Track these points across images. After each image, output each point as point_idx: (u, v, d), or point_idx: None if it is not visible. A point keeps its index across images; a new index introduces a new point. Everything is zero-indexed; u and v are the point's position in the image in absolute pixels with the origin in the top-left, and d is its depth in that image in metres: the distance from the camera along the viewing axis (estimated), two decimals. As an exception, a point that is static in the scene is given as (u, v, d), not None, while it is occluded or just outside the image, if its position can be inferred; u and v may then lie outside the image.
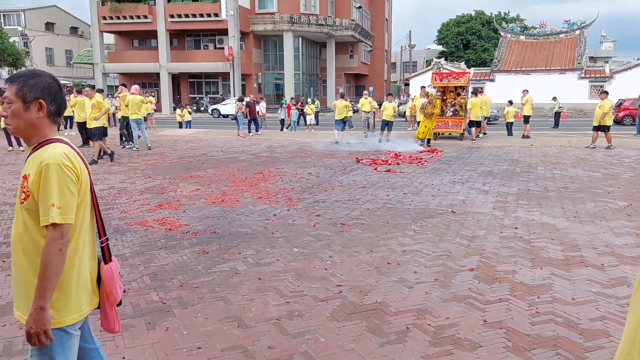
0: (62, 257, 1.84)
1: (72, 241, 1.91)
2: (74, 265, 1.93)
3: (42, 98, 1.93)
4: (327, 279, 4.50)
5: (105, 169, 11.07)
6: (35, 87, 1.93)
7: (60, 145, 1.93)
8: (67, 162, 1.89)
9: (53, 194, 1.82)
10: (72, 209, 1.87)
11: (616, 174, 10.14)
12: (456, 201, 7.69)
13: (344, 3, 44.22)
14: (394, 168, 11.12)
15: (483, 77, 37.90)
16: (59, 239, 1.83)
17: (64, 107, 2.05)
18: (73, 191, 1.88)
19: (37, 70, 2.04)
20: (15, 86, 1.93)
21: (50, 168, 1.84)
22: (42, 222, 1.83)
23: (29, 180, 1.87)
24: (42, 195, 1.84)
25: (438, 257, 5.05)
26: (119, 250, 5.32)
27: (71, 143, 2.02)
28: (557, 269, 4.68)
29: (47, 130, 1.98)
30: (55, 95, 1.98)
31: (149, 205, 7.50)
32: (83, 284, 2.00)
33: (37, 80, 1.94)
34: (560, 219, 6.54)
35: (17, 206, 1.96)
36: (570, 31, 38.77)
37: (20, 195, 1.92)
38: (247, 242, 5.61)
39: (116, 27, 41.33)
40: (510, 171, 10.58)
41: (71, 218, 1.86)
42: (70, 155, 1.92)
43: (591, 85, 35.04)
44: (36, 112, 1.94)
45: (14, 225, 1.97)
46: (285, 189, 8.67)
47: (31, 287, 1.87)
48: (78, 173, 1.92)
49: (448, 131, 17.42)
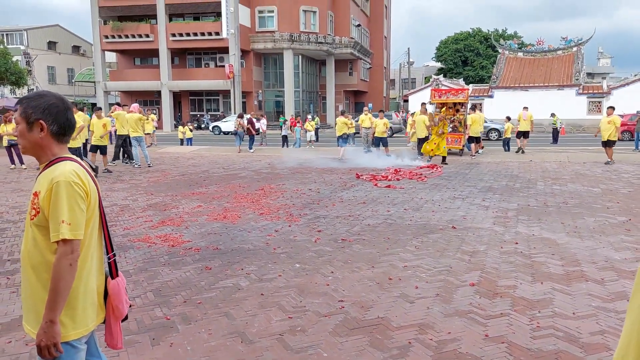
0: (72, 272, 1.90)
1: (81, 256, 1.96)
2: (81, 280, 1.99)
3: (42, 119, 1.99)
4: (329, 294, 4.53)
5: (107, 186, 11.13)
6: (37, 108, 1.99)
7: (70, 163, 2.00)
8: (77, 179, 1.95)
9: (63, 211, 1.89)
10: (81, 225, 1.93)
11: (615, 189, 10.20)
12: (457, 217, 7.74)
13: (343, 22, 44.73)
14: (394, 184, 11.18)
15: (482, 93, 38.17)
16: (70, 254, 1.89)
17: (69, 126, 2.08)
18: (82, 207, 1.94)
19: (43, 92, 2.10)
20: (21, 108, 2.01)
21: (61, 185, 1.90)
22: (52, 238, 1.89)
23: (40, 197, 1.93)
24: (52, 212, 1.90)
25: (439, 273, 5.09)
26: (123, 267, 5.35)
27: (81, 161, 2.08)
28: (558, 284, 4.72)
29: (55, 149, 2.04)
30: (58, 115, 2.02)
31: (151, 222, 7.55)
32: (90, 299, 2.05)
33: (39, 102, 2.01)
34: (560, 234, 6.59)
35: (27, 222, 2.02)
36: (568, 48, 39.13)
37: (31, 211, 1.98)
38: (250, 258, 5.65)
39: (118, 46, 41.78)
40: (510, 187, 10.64)
41: (81, 234, 1.93)
42: (80, 172, 1.99)
43: (589, 101, 35.29)
44: (38, 133, 2.00)
45: (24, 241, 2.03)
46: (286, 205, 8.73)
47: (40, 302, 1.93)
48: (87, 190, 1.99)
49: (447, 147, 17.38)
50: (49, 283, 1.90)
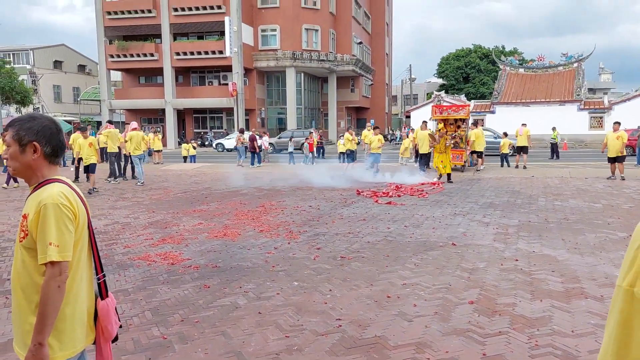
0: (60, 294, 1.91)
1: (69, 277, 1.97)
2: (69, 302, 1.98)
3: (36, 141, 2.01)
4: (327, 312, 4.52)
5: (110, 204, 11.17)
6: (30, 131, 2.01)
7: (59, 185, 2.01)
8: (65, 201, 1.96)
9: (51, 233, 1.90)
10: (69, 247, 1.94)
11: (616, 204, 10.17)
12: (457, 233, 7.72)
13: (345, 39, 45.11)
14: (395, 200, 11.18)
15: (483, 109, 38.28)
16: (57, 276, 1.89)
17: (61, 148, 2.11)
18: (70, 229, 1.96)
19: (35, 114, 2.13)
20: (13, 130, 2.03)
21: (48, 207, 1.91)
22: (40, 260, 1.90)
23: (28, 219, 1.95)
24: (40, 234, 1.91)
25: (438, 290, 5.07)
26: (122, 286, 5.36)
27: (70, 182, 2.11)
28: (557, 301, 4.69)
29: (45, 171, 2.05)
30: (51, 137, 2.05)
31: (152, 239, 7.57)
32: (79, 320, 2.04)
33: (33, 124, 2.03)
34: (560, 251, 6.56)
35: (16, 244, 2.03)
36: (568, 64, 39.31)
37: (20, 233, 1.99)
38: (248, 275, 5.65)
39: (123, 65, 42.19)
40: (511, 203, 10.63)
41: (69, 255, 1.93)
42: (68, 194, 2.00)
43: (591, 117, 35.35)
44: (31, 154, 2.02)
45: (14, 263, 2.04)
46: (286, 222, 8.73)
47: (27, 324, 1.94)
48: (75, 211, 2.00)
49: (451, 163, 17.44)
50: (35, 306, 1.91)
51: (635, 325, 1.01)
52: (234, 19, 37.37)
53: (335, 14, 44.37)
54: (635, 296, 1.02)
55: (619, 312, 1.04)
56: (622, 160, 14.36)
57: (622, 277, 1.05)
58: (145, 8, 39.73)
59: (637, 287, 1.02)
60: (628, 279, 1.03)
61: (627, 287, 1.03)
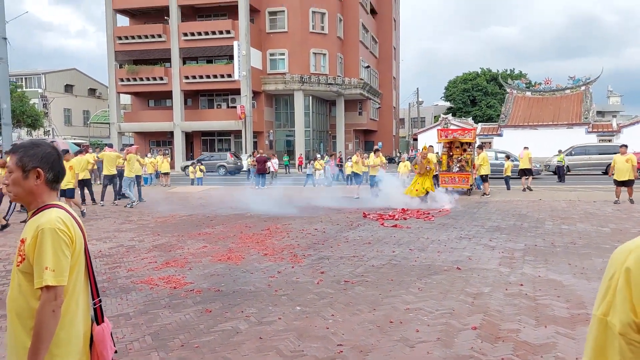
0: (55, 319, 1.92)
1: (64, 302, 1.98)
2: (63, 326, 1.99)
3: (40, 167, 2.06)
4: (329, 338, 4.48)
5: (116, 227, 11.22)
6: (34, 157, 2.06)
7: (57, 210, 2.04)
8: (62, 226, 1.99)
9: (48, 257, 1.92)
10: (65, 271, 1.96)
11: (625, 229, 10.06)
12: (462, 257, 7.66)
13: (352, 63, 45.57)
14: (401, 223, 11.14)
15: (491, 132, 38.32)
16: (53, 300, 1.91)
17: (63, 174, 2.17)
18: (67, 254, 1.98)
19: (38, 141, 2.19)
20: (16, 156, 2.08)
21: (46, 232, 1.94)
22: (36, 285, 1.92)
23: (26, 243, 1.98)
24: (37, 259, 1.93)
25: (441, 315, 5.01)
26: (123, 309, 5.35)
27: (68, 208, 2.13)
28: (562, 327, 4.62)
29: (45, 196, 2.10)
30: (53, 163, 2.11)
31: (155, 263, 7.57)
32: (74, 345, 2.04)
33: (37, 150, 2.08)
34: (566, 275, 6.48)
35: (13, 269, 2.05)
36: (576, 87, 39.40)
37: (17, 258, 2.01)
38: (250, 300, 5.62)
39: (133, 88, 42.81)
40: (518, 226, 10.55)
41: (64, 280, 1.95)
42: (66, 219, 2.03)
43: (599, 140, 35.22)
44: (34, 180, 2.06)
45: (10, 287, 2.06)
46: (291, 245, 8.71)
47: (22, 349, 1.94)
48: (72, 236, 2.02)
49: (455, 186, 17.21)
50: (30, 330, 1.92)
51: (609, 353, 1.03)
52: (243, 44, 37.94)
53: (342, 39, 44.93)
54: (608, 325, 1.03)
55: (594, 340, 1.07)
56: (632, 184, 14.18)
57: (597, 307, 1.07)
58: (156, 33, 40.48)
59: (610, 317, 1.04)
60: (602, 309, 1.05)
61: (601, 316, 1.05)
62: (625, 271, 1.04)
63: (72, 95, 55.36)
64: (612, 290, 1.05)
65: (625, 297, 1.03)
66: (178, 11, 40.39)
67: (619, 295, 1.04)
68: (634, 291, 1.02)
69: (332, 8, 42.98)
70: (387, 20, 56.45)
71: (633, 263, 1.04)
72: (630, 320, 1.01)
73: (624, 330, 1.01)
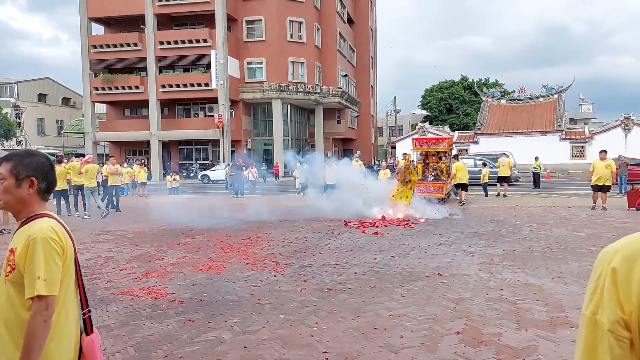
0: (46, 329, 1.90)
1: (55, 312, 1.96)
2: (54, 336, 1.97)
3: (34, 176, 2.05)
4: (313, 345, 4.47)
5: (92, 238, 11.03)
6: (29, 166, 2.05)
7: (48, 220, 2.03)
8: (54, 235, 1.98)
9: (40, 267, 1.90)
10: (57, 281, 1.94)
11: (600, 233, 10.29)
12: (443, 263, 7.74)
13: (330, 72, 45.80)
14: (382, 230, 11.20)
15: (467, 139, 38.85)
16: (44, 310, 1.89)
17: (54, 185, 2.17)
18: (58, 263, 1.96)
19: (32, 150, 2.18)
20: (10, 164, 2.06)
21: (37, 242, 1.93)
22: (27, 294, 1.89)
23: (16, 253, 1.95)
24: (28, 268, 1.91)
25: (424, 321, 5.05)
26: (104, 321, 5.26)
27: (58, 217, 2.11)
28: (542, 331, 4.70)
29: (36, 206, 2.08)
30: (47, 173, 2.10)
31: (135, 273, 7.47)
32: (64, 356, 2.02)
33: (31, 160, 2.08)
34: (545, 280, 6.60)
35: (1, 279, 2.01)
36: (549, 95, 40.24)
37: (6, 268, 1.98)
38: (234, 309, 5.58)
39: (108, 98, 42.28)
40: (496, 232, 10.70)
41: (56, 290, 1.93)
42: (57, 229, 2.02)
43: (572, 146, 36.02)
44: (27, 189, 2.05)
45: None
46: (272, 254, 8.69)
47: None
48: (64, 246, 2.01)
49: (430, 196, 16.55)
50: (21, 341, 1.89)
51: (599, 350, 1.06)
52: (220, 52, 37.85)
53: (320, 48, 45.16)
54: (597, 324, 1.07)
55: (584, 340, 1.10)
56: (608, 190, 14.45)
57: (586, 306, 1.10)
58: (131, 42, 40.13)
59: (599, 315, 1.07)
60: (591, 308, 1.09)
61: (590, 315, 1.09)
62: (611, 271, 1.08)
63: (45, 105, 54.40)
64: (599, 289, 1.09)
65: (612, 296, 1.06)
66: (154, 20, 40.13)
67: (606, 294, 1.07)
68: (620, 290, 1.06)
69: (310, 17, 43.20)
70: (364, 30, 56.96)
71: (618, 263, 1.08)
72: (618, 318, 1.05)
73: (612, 327, 1.05)
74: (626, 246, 1.09)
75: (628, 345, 1.04)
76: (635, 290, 1.03)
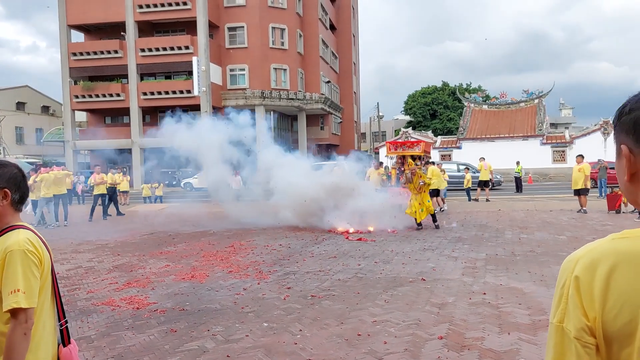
0: (26, 341, 1.87)
1: None
2: (31, 349, 1.93)
3: (7, 187, 2.01)
4: (297, 353, 4.44)
5: (73, 248, 10.86)
6: (1, 178, 2.01)
7: (24, 232, 1.99)
8: (31, 247, 1.95)
9: (18, 279, 1.87)
10: (35, 293, 1.92)
11: (580, 236, 10.42)
12: (426, 268, 7.76)
13: (313, 78, 45.89)
14: (366, 236, 11.21)
15: (450, 144, 39.18)
16: (24, 323, 1.86)
17: (27, 195, 2.13)
18: (36, 275, 1.93)
19: (3, 161, 2.13)
20: None
21: (15, 254, 1.89)
22: (6, 307, 1.86)
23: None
24: (6, 281, 1.88)
25: (408, 327, 5.06)
26: (85, 332, 5.17)
27: (34, 229, 2.07)
28: (524, 334, 4.73)
29: (9, 217, 2.04)
30: (20, 184, 2.06)
31: (116, 284, 7.36)
32: None
33: (4, 171, 2.03)
34: (527, 283, 6.66)
35: None
36: (530, 100, 40.81)
37: None
38: (217, 318, 5.53)
39: (88, 105, 41.77)
40: (479, 236, 10.78)
41: (35, 302, 1.91)
42: (34, 240, 1.99)
43: (553, 151, 36.51)
44: (0, 201, 2.00)
45: None
46: (256, 262, 8.63)
47: None
48: (41, 257, 1.98)
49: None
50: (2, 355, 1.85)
51: (568, 358, 1.08)
52: (202, 59, 37.68)
53: (303, 54, 45.23)
54: (564, 331, 1.08)
55: (553, 347, 1.11)
56: (585, 193, 14.64)
57: (553, 315, 1.13)
58: (112, 49, 39.72)
59: (565, 324, 1.09)
60: (557, 316, 1.11)
61: (558, 323, 1.11)
62: (574, 279, 1.10)
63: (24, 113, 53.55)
64: (564, 298, 1.11)
65: (576, 304, 1.09)
66: (135, 27, 39.80)
67: (570, 302, 1.10)
68: (584, 297, 1.08)
69: (292, 24, 43.28)
70: (346, 36, 57.23)
71: (580, 271, 1.10)
72: (583, 325, 1.07)
73: (578, 334, 1.07)
74: (586, 254, 1.11)
75: (594, 351, 1.07)
76: (597, 297, 1.06)
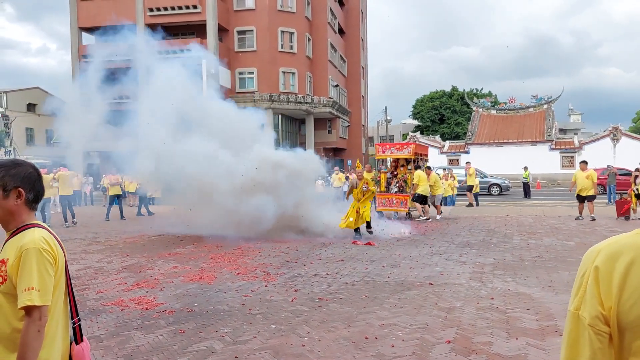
0: (40, 338, 1.91)
1: None
2: (44, 346, 1.96)
3: (21, 187, 2.04)
4: (305, 355, 4.46)
5: (82, 248, 10.95)
6: (16, 177, 2.03)
7: (39, 230, 2.02)
8: (46, 246, 1.98)
9: (33, 277, 1.90)
10: (50, 291, 1.95)
11: (589, 242, 10.36)
12: (434, 273, 7.76)
13: (321, 82, 45.98)
14: (373, 240, 11.20)
15: (458, 149, 39.10)
16: (38, 320, 1.90)
17: (42, 194, 2.15)
18: (51, 273, 1.97)
19: (19, 160, 2.16)
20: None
21: (30, 252, 1.93)
22: (20, 304, 1.89)
23: (8, 264, 1.94)
24: (21, 279, 1.91)
25: (415, 330, 5.06)
26: (94, 332, 5.22)
27: (49, 227, 2.11)
28: (532, 339, 4.72)
29: (25, 216, 2.07)
30: (35, 183, 2.09)
31: (125, 284, 7.41)
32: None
33: (18, 170, 2.06)
34: (535, 289, 6.64)
35: None
36: (538, 105, 40.68)
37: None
38: (225, 319, 5.56)
39: (98, 107, 42.10)
40: (487, 241, 10.75)
41: (49, 299, 1.94)
42: (49, 239, 2.02)
43: (562, 156, 36.36)
44: (14, 200, 2.03)
45: None
46: (263, 264, 8.66)
47: None
48: (55, 256, 2.01)
49: (393, 210, 15.32)
50: (12, 351, 1.88)
51: (581, 343, 1.13)
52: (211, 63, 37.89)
53: (311, 58, 45.35)
54: (580, 318, 1.14)
55: (568, 333, 1.17)
56: (592, 200, 14.55)
57: (571, 302, 1.19)
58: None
59: (581, 311, 1.14)
60: (575, 304, 1.17)
61: (574, 310, 1.17)
62: (594, 269, 1.15)
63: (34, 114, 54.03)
64: (583, 286, 1.16)
65: (593, 293, 1.13)
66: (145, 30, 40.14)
67: (589, 291, 1.15)
68: (602, 287, 1.13)
69: (301, 28, 43.43)
70: (355, 40, 57.30)
71: (601, 262, 1.15)
72: (598, 313, 1.12)
73: (592, 322, 1.12)
74: (609, 246, 1.16)
75: (607, 339, 1.11)
76: (615, 287, 1.10)
